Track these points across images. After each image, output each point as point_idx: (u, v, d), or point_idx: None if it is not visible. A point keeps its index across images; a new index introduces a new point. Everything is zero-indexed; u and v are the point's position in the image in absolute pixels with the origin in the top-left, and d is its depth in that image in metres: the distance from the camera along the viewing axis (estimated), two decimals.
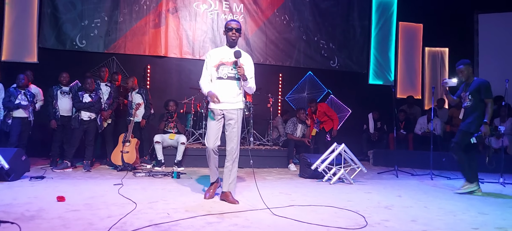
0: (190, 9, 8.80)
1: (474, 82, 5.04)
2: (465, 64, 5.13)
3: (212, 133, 3.99)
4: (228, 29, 4.00)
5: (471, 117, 4.94)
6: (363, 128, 9.48)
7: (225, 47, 4.07)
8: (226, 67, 3.95)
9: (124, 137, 6.44)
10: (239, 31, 4.00)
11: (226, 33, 4.03)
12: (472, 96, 4.97)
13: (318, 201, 4.23)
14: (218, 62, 3.97)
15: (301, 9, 9.49)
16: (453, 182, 6.06)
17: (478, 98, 4.93)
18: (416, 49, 10.41)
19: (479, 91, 4.92)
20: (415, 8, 10.02)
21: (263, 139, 8.07)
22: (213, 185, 4.22)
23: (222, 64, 3.96)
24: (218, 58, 3.98)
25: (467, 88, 5.10)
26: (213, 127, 4.00)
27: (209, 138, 4.01)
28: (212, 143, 3.98)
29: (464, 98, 5.11)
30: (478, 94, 4.92)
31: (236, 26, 3.98)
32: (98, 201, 3.85)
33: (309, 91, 9.55)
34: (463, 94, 5.14)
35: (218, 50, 4.08)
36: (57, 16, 8.08)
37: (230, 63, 3.95)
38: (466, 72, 5.12)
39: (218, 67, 3.96)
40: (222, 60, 3.97)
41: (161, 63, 8.71)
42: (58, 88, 6.47)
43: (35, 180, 5.00)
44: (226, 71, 3.95)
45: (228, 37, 4.01)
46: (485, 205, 4.30)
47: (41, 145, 7.43)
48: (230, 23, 4.02)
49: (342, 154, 5.69)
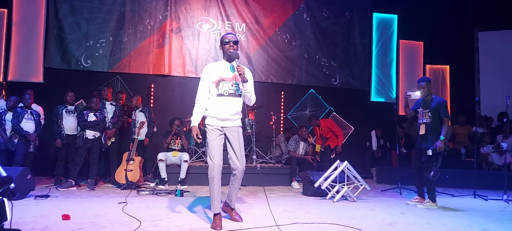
0: (193, 29, 8.94)
1: (434, 101, 5.32)
2: (427, 82, 5.40)
3: (217, 148, 3.75)
4: (224, 42, 3.84)
5: (433, 135, 5.18)
6: (365, 145, 9.49)
7: (223, 62, 3.90)
8: (226, 83, 3.78)
9: (128, 155, 6.48)
10: (236, 43, 3.84)
11: (222, 46, 3.88)
12: (431, 114, 5.24)
13: (322, 218, 4.24)
14: (217, 78, 3.78)
15: (302, 27, 9.62)
16: (457, 199, 6.05)
17: (437, 117, 5.22)
18: (417, 67, 10.48)
19: (438, 110, 5.21)
20: (415, 26, 10.13)
21: (266, 156, 8.09)
22: (218, 217, 3.72)
23: (222, 81, 3.78)
24: (217, 74, 3.80)
25: (426, 105, 5.35)
26: (216, 142, 3.77)
27: (214, 154, 3.73)
28: (218, 159, 3.72)
29: (423, 114, 5.34)
30: (437, 112, 5.21)
31: (233, 39, 3.83)
32: (103, 219, 3.88)
33: (311, 109, 9.61)
34: (421, 110, 5.39)
35: (216, 66, 3.88)
36: (62, 36, 8.23)
37: (230, 79, 3.80)
38: (426, 89, 5.38)
39: (217, 83, 3.77)
40: (221, 76, 3.79)
41: (165, 82, 8.81)
42: (63, 108, 6.54)
43: (40, 198, 5.03)
44: (226, 88, 3.78)
45: (225, 50, 3.85)
46: (488, 222, 4.30)
47: (46, 164, 7.48)
48: (226, 36, 3.87)
49: (345, 171, 5.70)
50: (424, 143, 5.27)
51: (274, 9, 9.46)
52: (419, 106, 5.44)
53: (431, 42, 10.35)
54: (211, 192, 3.74)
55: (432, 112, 5.24)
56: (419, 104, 5.46)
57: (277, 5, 9.48)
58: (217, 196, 3.73)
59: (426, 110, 5.30)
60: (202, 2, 9.04)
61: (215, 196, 3.72)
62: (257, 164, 7.32)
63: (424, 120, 5.31)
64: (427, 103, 5.35)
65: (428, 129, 5.25)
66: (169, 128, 7.11)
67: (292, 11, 9.57)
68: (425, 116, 5.29)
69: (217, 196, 3.73)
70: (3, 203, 2.43)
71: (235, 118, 3.86)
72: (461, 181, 7.33)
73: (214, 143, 3.77)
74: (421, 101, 5.45)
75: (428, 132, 5.25)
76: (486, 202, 5.83)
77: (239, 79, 3.80)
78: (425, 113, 5.30)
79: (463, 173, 7.60)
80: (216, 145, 3.76)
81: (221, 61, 3.93)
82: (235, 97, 3.81)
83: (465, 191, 6.72)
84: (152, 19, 8.70)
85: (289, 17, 9.53)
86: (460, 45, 10.49)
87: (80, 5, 8.36)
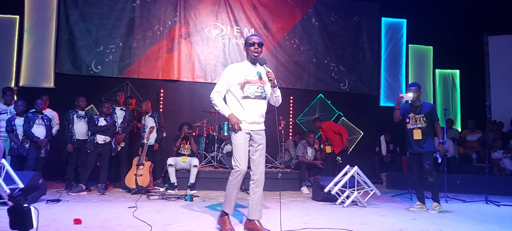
0: (202, 34, 8.99)
1: (425, 106, 5.42)
2: (417, 87, 5.50)
3: (243, 153, 3.63)
4: (249, 44, 3.72)
5: (430, 139, 5.30)
6: (375, 150, 9.44)
7: (247, 63, 3.78)
8: (252, 86, 3.67)
9: (138, 160, 6.51)
10: (261, 46, 3.74)
11: (247, 48, 3.75)
12: (426, 118, 5.33)
13: (332, 224, 4.21)
14: (243, 80, 3.66)
15: (311, 32, 9.62)
16: (468, 205, 5.98)
17: (430, 121, 5.35)
18: (427, 71, 10.42)
19: (431, 114, 5.35)
20: (424, 31, 10.08)
21: (275, 161, 8.08)
22: (229, 218, 3.72)
23: (248, 83, 3.66)
24: (242, 76, 3.67)
25: (417, 110, 5.41)
26: (242, 146, 3.64)
27: (240, 159, 3.60)
28: (245, 164, 3.62)
29: (416, 119, 5.40)
30: (430, 117, 5.35)
31: (258, 41, 3.72)
32: (113, 223, 3.90)
33: (320, 113, 9.58)
34: (412, 115, 5.44)
35: (240, 67, 3.76)
36: (73, 42, 8.33)
37: (256, 81, 3.70)
38: (417, 94, 5.42)
39: (243, 86, 3.65)
40: (246, 78, 3.67)
41: (174, 87, 8.86)
42: (74, 113, 6.60)
43: (51, 203, 5.07)
44: (252, 90, 3.67)
45: (250, 52, 3.72)
46: (502, 228, 4.24)
47: (56, 169, 7.55)
48: (252, 37, 3.75)
49: (355, 176, 5.67)
50: (420, 147, 5.31)
51: (282, 15, 9.48)
52: (409, 111, 5.48)
53: (440, 46, 10.28)
54: (230, 197, 3.66)
55: (426, 117, 5.32)
56: (407, 109, 5.51)
57: (286, 10, 9.51)
58: (234, 199, 3.69)
59: (419, 115, 5.36)
60: (211, 7, 9.09)
61: (233, 198, 3.67)
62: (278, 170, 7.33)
63: (418, 125, 5.35)
64: (418, 108, 5.41)
65: (424, 133, 5.30)
66: (179, 132, 7.14)
67: (301, 16, 9.58)
68: (420, 121, 5.34)
69: (234, 198, 3.68)
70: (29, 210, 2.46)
71: (261, 121, 3.79)
72: (472, 187, 7.24)
73: (242, 147, 3.65)
74: (409, 106, 5.50)
75: (424, 135, 5.29)
76: (498, 207, 5.75)
77: (264, 82, 3.76)
78: (419, 118, 5.36)
79: (474, 178, 7.51)
80: (243, 149, 3.65)
81: (245, 62, 3.82)
82: (261, 99, 3.73)
83: (476, 197, 6.64)
84: (161, 24, 8.77)
85: (297, 22, 9.54)
86: (470, 50, 10.41)
87: (90, 11, 8.46)
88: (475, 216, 5.00)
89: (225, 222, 3.68)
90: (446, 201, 6.16)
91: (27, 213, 2.50)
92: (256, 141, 3.73)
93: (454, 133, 9.39)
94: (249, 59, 3.78)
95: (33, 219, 2.54)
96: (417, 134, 5.31)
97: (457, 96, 10.51)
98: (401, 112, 5.54)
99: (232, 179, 3.64)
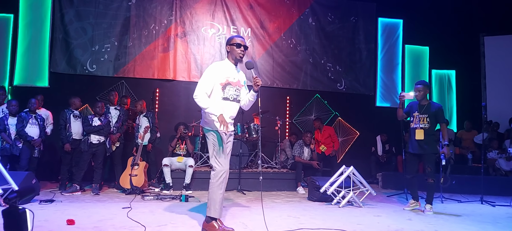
0: (199, 33, 8.96)
1: (431, 106, 5.23)
2: (424, 85, 5.31)
3: (224, 153, 3.66)
4: (236, 44, 3.67)
5: (432, 139, 5.19)
6: (371, 150, 9.44)
7: (229, 63, 3.73)
8: (232, 88, 3.67)
9: (133, 160, 6.47)
10: (246, 49, 3.75)
11: (231, 48, 3.70)
12: (430, 119, 5.17)
13: (327, 224, 4.20)
14: (225, 81, 3.63)
15: (308, 32, 9.60)
16: (464, 205, 5.99)
17: (434, 122, 5.20)
18: (423, 72, 10.42)
19: (436, 115, 5.18)
20: (420, 31, 10.09)
21: (271, 161, 8.06)
22: (218, 221, 3.67)
23: (229, 84, 3.65)
24: (224, 76, 3.64)
25: (423, 110, 5.24)
26: (224, 147, 3.66)
27: (222, 159, 3.62)
28: (227, 164, 3.66)
29: (420, 119, 5.23)
30: (435, 118, 5.18)
31: (244, 43, 3.71)
32: (107, 224, 3.86)
33: (316, 114, 9.56)
34: (417, 114, 5.26)
35: (223, 67, 3.69)
36: (68, 41, 8.26)
37: (235, 84, 3.70)
38: (422, 93, 5.27)
39: (224, 86, 3.63)
40: (228, 79, 3.65)
41: (170, 86, 8.81)
42: (70, 112, 6.54)
43: (44, 203, 5.03)
44: (232, 92, 3.67)
45: (235, 53, 3.68)
46: (497, 228, 4.24)
47: (50, 169, 7.49)
48: (237, 38, 3.71)
49: (351, 176, 5.66)
50: (421, 148, 5.19)
51: (279, 14, 9.46)
52: (414, 110, 5.32)
53: (436, 47, 10.29)
54: (215, 200, 3.58)
55: (431, 118, 5.18)
56: (414, 108, 5.34)
57: (283, 10, 9.49)
58: (221, 200, 3.64)
59: (424, 115, 5.20)
60: (207, 6, 9.06)
61: (218, 203, 3.60)
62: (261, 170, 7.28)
63: (421, 125, 5.21)
64: (424, 108, 5.24)
65: (427, 133, 5.17)
66: (174, 132, 7.11)
67: (297, 16, 9.56)
68: (424, 121, 5.20)
69: (222, 199, 3.64)
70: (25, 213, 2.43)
71: (233, 123, 3.82)
72: (468, 187, 7.25)
73: (223, 148, 3.64)
74: (417, 105, 5.33)
75: (427, 136, 5.16)
76: (493, 208, 5.76)
77: (241, 86, 3.77)
78: (423, 118, 5.20)
79: (470, 178, 7.51)
80: (224, 149, 3.66)
81: (226, 62, 3.76)
82: (236, 102, 3.75)
83: (472, 197, 6.65)
84: (157, 23, 8.73)
85: (294, 22, 9.52)
86: (466, 50, 10.42)
87: (85, 10, 8.40)
88: (471, 216, 5.00)
89: (214, 227, 3.58)
90: (441, 202, 6.16)
91: (22, 216, 2.46)
92: (228, 142, 3.75)
93: (450, 133, 9.40)
94: (232, 59, 3.73)
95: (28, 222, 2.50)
96: (419, 134, 5.17)
97: (453, 97, 10.52)
98: (406, 110, 5.43)
99: (215, 181, 3.59)
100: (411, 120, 5.35)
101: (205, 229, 3.65)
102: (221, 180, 3.58)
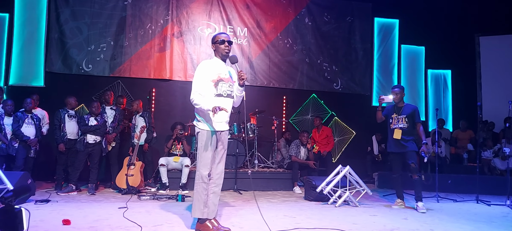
0: (195, 33, 8.95)
1: (407, 107, 5.59)
2: (400, 89, 5.67)
3: (212, 158, 3.63)
4: (220, 41, 3.67)
5: (411, 138, 5.47)
6: (367, 150, 9.46)
7: (218, 60, 3.72)
8: (224, 84, 3.65)
9: (129, 160, 6.46)
10: (231, 44, 3.73)
11: (216, 46, 3.71)
12: (407, 119, 5.49)
13: (323, 224, 4.21)
14: (216, 77, 3.62)
15: (304, 32, 9.61)
16: (459, 204, 6.02)
17: (412, 122, 5.51)
18: (419, 71, 10.47)
19: (413, 116, 5.51)
20: (416, 31, 10.13)
21: (268, 161, 8.06)
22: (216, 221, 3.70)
23: (221, 81, 3.63)
24: (216, 73, 3.63)
25: (400, 111, 5.58)
26: (212, 151, 3.62)
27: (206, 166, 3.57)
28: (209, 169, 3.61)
29: (398, 120, 5.55)
30: (412, 118, 5.50)
31: (228, 39, 3.70)
32: (103, 224, 3.85)
33: (313, 113, 9.58)
34: (395, 116, 5.59)
35: (213, 64, 3.68)
36: (63, 41, 8.23)
37: (227, 79, 3.69)
38: (400, 95, 5.61)
39: (216, 83, 3.61)
40: (220, 75, 3.64)
41: (166, 86, 8.80)
42: (65, 112, 6.51)
43: (40, 203, 5.01)
44: (225, 88, 3.64)
45: (220, 50, 3.68)
46: (492, 228, 4.26)
47: (46, 169, 7.46)
48: (221, 35, 3.71)
49: (347, 176, 5.68)
50: (402, 147, 5.45)
51: (275, 14, 9.46)
52: (392, 112, 5.63)
53: (432, 47, 10.34)
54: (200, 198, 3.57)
55: (408, 118, 5.48)
56: (391, 110, 5.66)
57: (279, 10, 9.49)
58: (214, 201, 3.67)
59: (402, 116, 5.52)
60: (203, 6, 9.05)
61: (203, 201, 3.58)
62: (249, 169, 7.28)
63: (400, 125, 5.50)
64: (400, 109, 5.57)
65: (405, 133, 5.46)
66: (171, 132, 7.09)
67: (294, 15, 9.57)
68: (402, 121, 5.50)
69: (214, 201, 3.66)
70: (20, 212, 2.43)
71: (228, 120, 3.78)
72: (463, 186, 7.29)
73: (210, 153, 3.60)
74: (392, 107, 5.66)
75: (405, 136, 5.45)
76: (489, 207, 5.79)
77: (233, 82, 3.77)
78: (402, 118, 5.52)
79: (465, 178, 7.56)
80: (211, 153, 3.61)
81: (215, 59, 3.75)
82: (230, 98, 3.71)
83: (467, 196, 6.68)
84: (153, 23, 8.71)
85: (290, 22, 9.53)
86: (461, 50, 10.48)
87: (81, 10, 8.37)
88: (466, 215, 5.02)
89: (208, 227, 3.58)
90: (437, 201, 6.19)
91: (18, 215, 2.46)
92: (223, 141, 3.72)
93: (446, 133, 9.44)
94: (219, 56, 3.74)
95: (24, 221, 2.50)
96: (398, 133, 5.47)
97: (448, 96, 10.57)
98: (384, 113, 5.72)
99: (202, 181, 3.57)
100: (390, 121, 5.64)
101: (199, 229, 3.64)
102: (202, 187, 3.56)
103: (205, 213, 3.60)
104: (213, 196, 3.67)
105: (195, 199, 3.59)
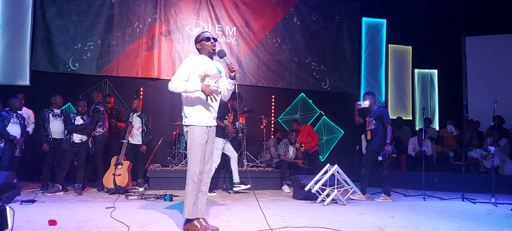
0: (183, 32, 8.90)
1: (377, 110, 6.19)
2: (371, 95, 6.30)
3: (202, 153, 3.55)
4: (205, 39, 3.67)
5: (376, 139, 6.05)
6: (355, 148, 9.52)
7: (205, 57, 3.70)
8: (211, 80, 3.61)
9: (117, 160, 6.39)
10: (216, 40, 3.75)
11: (202, 44, 3.70)
12: (375, 121, 6.09)
13: (312, 222, 4.22)
14: (203, 73, 3.57)
15: (292, 31, 9.64)
16: (446, 202, 6.10)
17: (379, 123, 6.06)
18: (406, 71, 10.58)
19: (381, 117, 6.06)
20: (404, 31, 10.25)
21: (257, 160, 8.06)
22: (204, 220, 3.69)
23: (208, 76, 3.59)
24: (202, 68, 3.59)
25: (371, 114, 6.21)
26: (203, 147, 3.56)
27: (198, 163, 3.50)
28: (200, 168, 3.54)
29: (369, 123, 6.21)
30: (380, 120, 6.05)
31: (212, 36, 3.71)
32: (90, 224, 3.81)
33: (301, 112, 9.62)
34: (367, 119, 6.26)
35: (200, 59, 3.66)
36: (50, 39, 8.11)
37: (214, 75, 3.66)
38: (372, 101, 6.24)
39: (203, 78, 3.57)
40: (206, 71, 3.60)
41: (154, 85, 8.74)
42: (50, 111, 6.42)
43: (26, 203, 4.93)
44: (211, 84, 3.59)
45: (207, 48, 3.67)
46: (477, 225, 4.32)
47: (32, 168, 7.35)
48: (205, 33, 3.71)
49: (335, 174, 5.70)
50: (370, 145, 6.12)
51: (264, 13, 9.47)
52: (366, 115, 6.31)
53: (419, 46, 10.47)
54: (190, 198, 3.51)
55: (376, 120, 6.07)
56: (365, 114, 6.34)
57: (268, 9, 9.50)
58: (203, 201, 3.66)
59: (371, 119, 6.15)
60: (191, 5, 9.01)
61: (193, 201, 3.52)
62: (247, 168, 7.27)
63: (370, 127, 6.16)
64: (371, 113, 6.20)
65: (373, 133, 6.10)
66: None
67: (282, 15, 9.59)
68: (371, 124, 6.14)
69: (202, 200, 3.65)
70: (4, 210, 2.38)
71: (215, 116, 3.73)
72: (449, 184, 7.39)
73: (202, 148, 3.54)
74: (367, 111, 6.32)
75: (373, 136, 6.09)
76: (474, 205, 5.88)
77: (220, 77, 3.76)
78: (371, 121, 6.15)
79: (451, 176, 7.66)
80: (203, 149, 3.55)
81: (201, 56, 3.72)
82: (218, 94, 3.65)
83: (453, 194, 6.77)
84: (141, 22, 8.64)
85: (279, 21, 9.55)
86: (448, 50, 10.62)
87: (68, 8, 8.27)
88: (452, 213, 5.09)
89: (196, 227, 3.55)
90: (424, 199, 6.27)
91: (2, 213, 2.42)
92: (211, 138, 3.67)
93: (432, 132, 9.55)
94: (206, 53, 3.71)
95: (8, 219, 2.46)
96: (368, 134, 6.17)
97: (435, 96, 10.71)
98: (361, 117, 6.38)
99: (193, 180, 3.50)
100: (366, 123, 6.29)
101: (187, 229, 3.61)
102: (193, 186, 3.50)
103: (195, 213, 3.58)
104: (201, 195, 3.64)
105: (186, 199, 3.55)
